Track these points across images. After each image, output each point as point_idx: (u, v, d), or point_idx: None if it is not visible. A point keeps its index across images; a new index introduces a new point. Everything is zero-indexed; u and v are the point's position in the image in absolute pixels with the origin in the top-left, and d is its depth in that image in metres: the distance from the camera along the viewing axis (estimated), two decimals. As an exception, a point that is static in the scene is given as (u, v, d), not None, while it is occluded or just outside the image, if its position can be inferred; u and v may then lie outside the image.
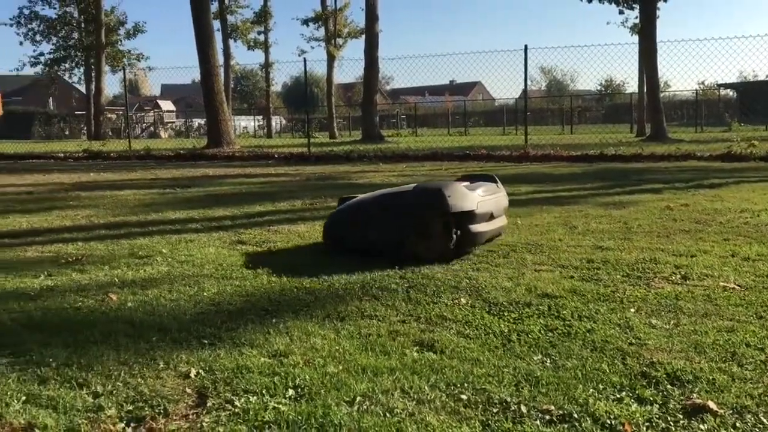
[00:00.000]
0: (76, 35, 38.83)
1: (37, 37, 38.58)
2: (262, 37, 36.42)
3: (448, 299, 3.16)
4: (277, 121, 47.39)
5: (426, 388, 2.13)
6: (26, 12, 38.29)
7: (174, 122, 51.70)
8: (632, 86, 39.62)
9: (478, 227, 3.99)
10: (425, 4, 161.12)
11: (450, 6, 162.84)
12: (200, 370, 2.32)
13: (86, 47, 37.40)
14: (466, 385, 2.14)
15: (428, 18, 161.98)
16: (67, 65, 39.47)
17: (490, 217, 4.15)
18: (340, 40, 32.87)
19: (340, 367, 2.32)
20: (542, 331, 2.66)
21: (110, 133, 36.14)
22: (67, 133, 45.46)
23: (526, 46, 13.90)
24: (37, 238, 5.10)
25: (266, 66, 36.96)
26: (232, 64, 35.92)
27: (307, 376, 2.24)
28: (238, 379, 2.24)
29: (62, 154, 17.10)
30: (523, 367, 2.28)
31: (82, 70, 38.76)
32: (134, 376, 2.28)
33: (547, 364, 2.31)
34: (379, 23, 22.85)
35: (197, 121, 49.96)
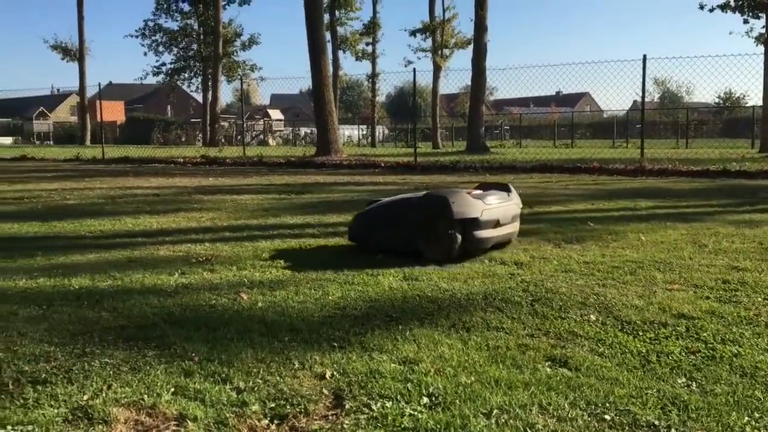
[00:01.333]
0: (195, 46, 40.98)
1: (160, 48, 41.02)
2: (369, 48, 37.10)
3: (577, 315, 3.07)
4: (379, 131, 48.01)
5: (565, 405, 2.07)
6: (150, 24, 40.84)
7: (282, 130, 53.43)
8: (754, 99, 37.30)
9: (482, 233, 4.32)
10: (528, 15, 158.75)
11: (553, 17, 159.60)
12: (334, 372, 2.36)
13: (204, 58, 39.37)
14: (607, 405, 2.07)
15: (530, 28, 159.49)
16: (186, 75, 41.71)
17: (496, 224, 4.45)
18: (446, 51, 32.92)
19: (472, 378, 2.30)
20: (683, 353, 2.54)
21: (223, 140, 37.76)
22: (183, 139, 47.92)
23: (644, 57, 13.35)
24: (167, 238, 5.38)
25: (373, 76, 37.56)
26: (340, 74, 36.73)
27: (440, 385, 2.23)
28: (371, 383, 2.26)
29: (181, 159, 18.00)
30: (667, 390, 2.17)
31: (199, 79, 40.80)
32: (272, 374, 2.36)
33: (694, 388, 2.20)
34: (488, 33, 22.69)
35: (304, 130, 51.43)
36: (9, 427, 1.92)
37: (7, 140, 48.66)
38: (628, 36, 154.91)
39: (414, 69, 15.72)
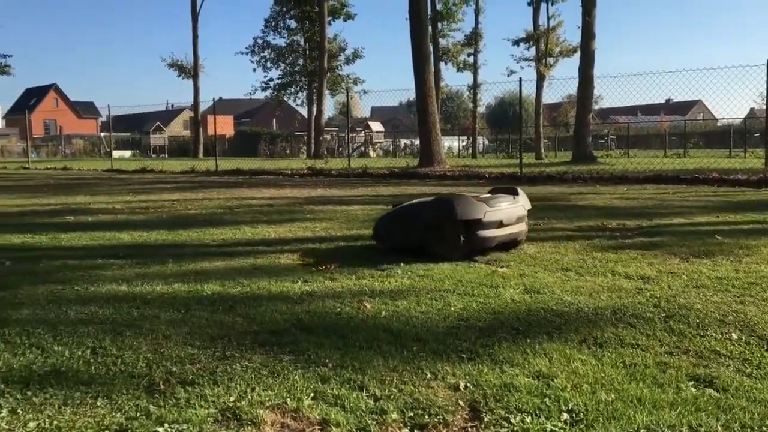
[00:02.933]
0: (301, 62, 42.32)
1: (268, 64, 42.66)
2: (471, 59, 36.96)
3: (717, 333, 2.91)
4: (479, 142, 47.64)
5: (718, 427, 1.97)
6: (260, 42, 42.55)
7: (382, 142, 54.06)
8: None
9: (485, 233, 4.76)
10: (634, 21, 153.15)
11: (660, 24, 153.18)
12: (468, 384, 2.36)
13: (310, 72, 40.53)
14: (764, 429, 1.95)
15: (636, 36, 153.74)
16: (292, 89, 43.11)
17: (500, 224, 4.86)
18: (550, 60, 32.30)
19: (612, 396, 2.23)
20: None
21: (325, 152, 38.64)
22: (288, 151, 49.43)
23: (768, 61, 12.58)
24: (285, 247, 5.55)
25: (474, 87, 37.37)
26: (441, 86, 36.80)
27: (578, 401, 2.18)
28: (507, 396, 2.24)
29: (289, 171, 18.55)
30: (832, 417, 2.02)
31: (305, 93, 42.06)
32: (406, 383, 2.38)
33: None
34: (595, 41, 22.08)
35: (404, 141, 51.79)
36: (166, 425, 2.03)
37: (127, 153, 51.85)
38: (749, 38, 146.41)
39: (520, 79, 15.52)
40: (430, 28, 30.68)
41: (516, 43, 33.24)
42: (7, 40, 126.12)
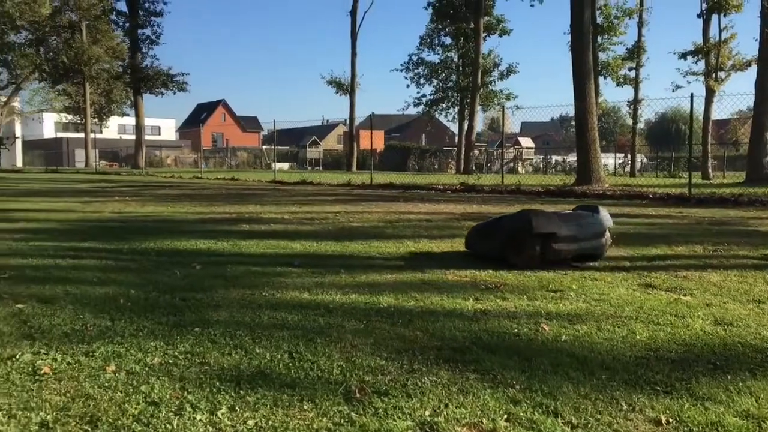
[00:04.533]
0: (454, 78, 42.66)
1: (421, 81, 43.38)
2: (632, 73, 35.37)
3: None
4: (637, 159, 45.40)
5: None
6: (414, 58, 43.42)
7: (532, 158, 53.08)
8: None
9: (560, 245, 5.23)
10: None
11: None
12: (670, 419, 2.25)
13: (462, 88, 40.75)
14: None
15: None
16: (443, 105, 43.52)
17: (575, 238, 5.28)
18: (722, 74, 30.16)
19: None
20: None
21: (474, 168, 38.55)
22: (436, 166, 49.90)
23: None
24: (449, 262, 5.58)
25: (635, 102, 35.69)
26: (600, 101, 35.54)
27: (800, 449, 2.00)
28: (715, 436, 2.11)
29: (441, 186, 18.68)
30: None
31: (456, 109, 42.30)
32: (601, 412, 2.31)
33: None
34: (776, 53, 20.29)
35: (555, 158, 50.50)
36: (369, 433, 2.11)
37: (285, 165, 54.72)
38: None
39: (691, 95, 14.56)
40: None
41: (683, 56, 31.36)
42: (184, 60, 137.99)
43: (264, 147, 63.54)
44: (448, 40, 42.34)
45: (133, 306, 3.76)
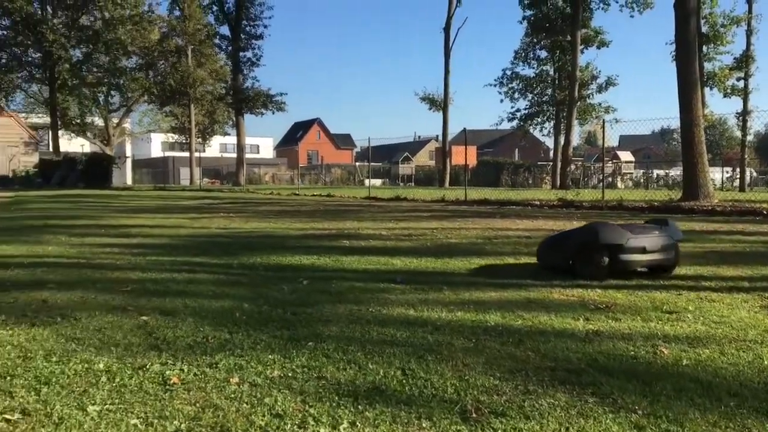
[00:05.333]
0: (549, 91, 41.92)
1: (515, 95, 42.88)
2: (740, 84, 33.60)
3: None
4: (745, 173, 42.99)
5: None
6: (508, 73, 43.02)
7: (631, 173, 51.27)
8: None
9: (627, 257, 5.35)
10: None
11: None
12: (812, 453, 2.11)
13: (558, 102, 39.97)
14: None
15: None
16: (538, 119, 42.81)
17: (643, 250, 5.37)
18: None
19: None
20: None
21: (570, 183, 37.62)
22: (530, 181, 49.05)
23: None
24: (554, 281, 5.46)
25: (744, 114, 33.87)
26: (706, 113, 33.95)
27: None
28: None
29: (537, 202, 18.33)
30: None
31: (551, 123, 41.51)
32: (734, 442, 2.19)
33: None
34: None
35: (656, 172, 48.55)
36: (489, 454, 2.10)
37: (377, 181, 55.38)
38: None
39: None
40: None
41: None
42: (276, 78, 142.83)
43: (357, 163, 64.57)
44: (543, 54, 41.73)
45: (248, 319, 3.90)
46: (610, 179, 46.23)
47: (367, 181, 33.82)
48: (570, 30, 36.79)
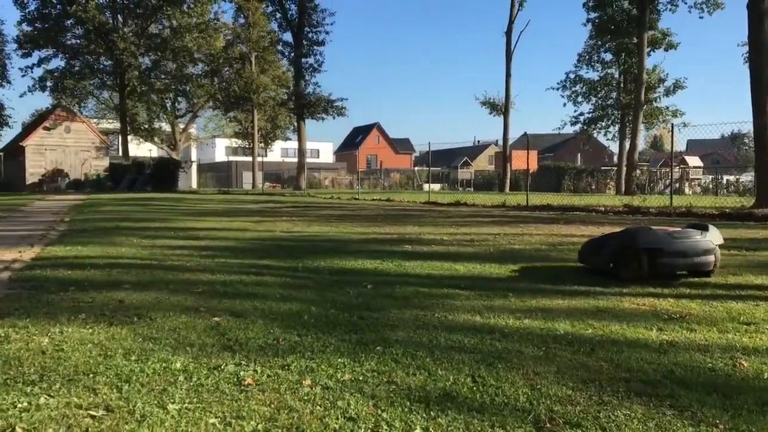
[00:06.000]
0: (614, 95, 41.05)
1: (579, 99, 42.15)
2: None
3: None
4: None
5: None
6: (571, 76, 42.33)
7: (700, 178, 49.67)
8: None
9: (666, 260, 5.53)
10: None
11: None
12: None
13: (624, 106, 39.09)
14: None
15: None
16: (602, 123, 41.97)
17: (683, 254, 5.59)
18: None
19: None
20: None
21: (635, 188, 36.68)
22: (593, 187, 48.05)
23: None
24: (624, 290, 5.33)
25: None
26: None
27: None
28: None
29: (602, 208, 17.93)
30: None
31: (616, 127, 40.62)
32: (825, 462, 2.10)
33: None
34: None
35: (726, 178, 46.84)
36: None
37: (436, 186, 55.24)
38: None
39: None
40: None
41: None
42: (341, 85, 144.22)
43: (416, 168, 64.61)
44: (608, 56, 40.90)
45: (316, 322, 3.95)
46: (677, 185, 44.90)
47: (426, 186, 33.74)
48: (636, 32, 35.92)
